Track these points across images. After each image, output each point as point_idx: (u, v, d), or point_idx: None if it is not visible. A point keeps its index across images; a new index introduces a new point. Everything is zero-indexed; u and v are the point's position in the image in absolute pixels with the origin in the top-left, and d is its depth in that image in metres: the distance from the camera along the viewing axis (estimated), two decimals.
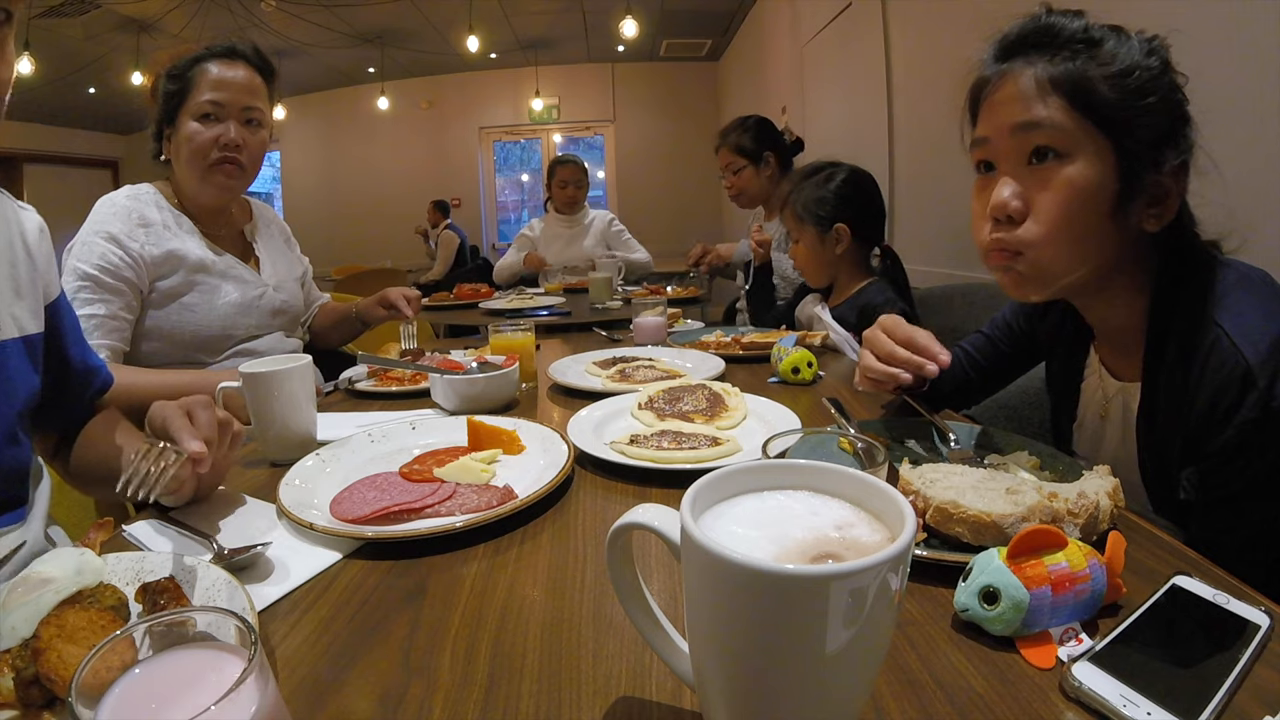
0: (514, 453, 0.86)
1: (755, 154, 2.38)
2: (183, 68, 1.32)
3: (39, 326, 0.79)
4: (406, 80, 7.55)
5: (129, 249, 1.24)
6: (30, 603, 0.45)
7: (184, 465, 0.65)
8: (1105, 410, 0.80)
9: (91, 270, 1.21)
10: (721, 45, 7.00)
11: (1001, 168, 0.71)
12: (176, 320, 1.29)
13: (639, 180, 7.73)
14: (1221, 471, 0.66)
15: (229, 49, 1.35)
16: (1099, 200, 0.67)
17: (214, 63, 1.32)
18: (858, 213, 1.59)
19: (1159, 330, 0.72)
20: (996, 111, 0.70)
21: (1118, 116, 0.65)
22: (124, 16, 5.18)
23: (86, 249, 1.22)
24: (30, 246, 0.79)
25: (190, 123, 1.30)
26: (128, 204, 1.29)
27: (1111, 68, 0.65)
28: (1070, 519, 0.55)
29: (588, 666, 0.47)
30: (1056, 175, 0.67)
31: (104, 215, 1.26)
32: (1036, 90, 0.66)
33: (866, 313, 1.50)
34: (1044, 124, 0.66)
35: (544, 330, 1.99)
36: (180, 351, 1.31)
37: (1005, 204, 0.68)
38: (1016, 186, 0.69)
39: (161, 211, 1.32)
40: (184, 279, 1.30)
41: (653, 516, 0.39)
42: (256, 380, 0.89)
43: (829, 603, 0.31)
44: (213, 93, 1.30)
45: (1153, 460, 0.75)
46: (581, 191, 3.20)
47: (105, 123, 7.77)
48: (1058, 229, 0.68)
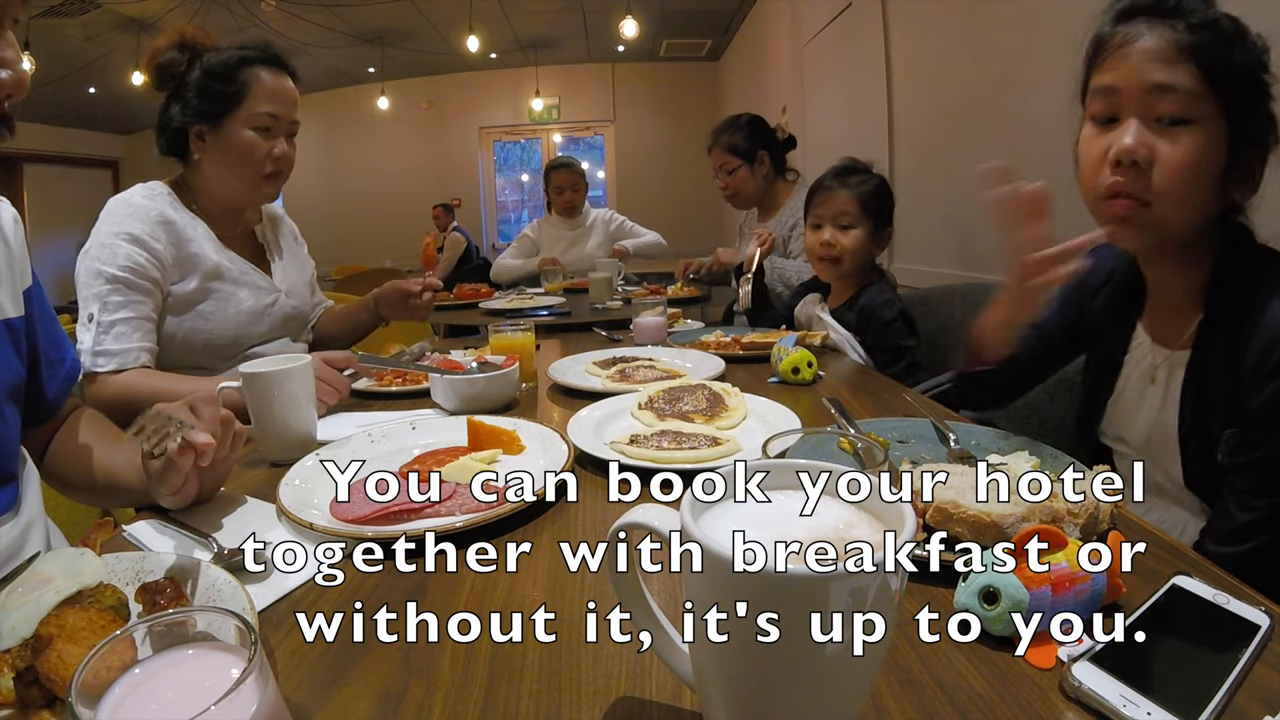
0: (514, 453, 0.86)
1: (749, 153, 2.33)
2: (231, 67, 1.27)
3: (19, 311, 0.79)
4: (406, 80, 7.54)
5: (152, 249, 1.20)
6: (30, 603, 0.45)
7: (185, 454, 0.66)
8: (1153, 375, 0.83)
9: (119, 273, 1.17)
10: (721, 45, 7.00)
11: (1128, 119, 0.73)
12: (190, 327, 1.26)
13: (639, 180, 7.72)
14: (1262, 429, 0.70)
15: (274, 57, 1.31)
16: (1213, 166, 0.72)
17: (263, 70, 1.29)
18: (890, 216, 1.62)
19: (1217, 298, 0.76)
20: (1130, 67, 0.72)
21: (1239, 92, 0.70)
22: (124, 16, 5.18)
23: (109, 251, 1.18)
24: (6, 234, 0.80)
25: (245, 131, 1.27)
26: (145, 203, 1.24)
27: (1235, 49, 0.70)
28: (1070, 519, 0.55)
29: (588, 666, 0.47)
30: (1182, 136, 0.70)
31: (121, 216, 1.22)
32: (1174, 54, 0.69)
33: (867, 313, 1.50)
34: (1178, 88, 0.69)
35: (544, 330, 1.99)
36: (191, 357, 1.28)
37: (1134, 150, 0.71)
38: (1146, 136, 0.71)
39: (178, 212, 1.28)
40: (199, 285, 1.27)
41: (653, 516, 0.39)
42: (256, 380, 0.89)
43: (829, 603, 0.31)
44: (270, 104, 1.28)
45: (1195, 423, 0.77)
46: (579, 196, 3.17)
47: (105, 123, 7.77)
48: (1183, 185, 0.71)
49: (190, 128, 1.28)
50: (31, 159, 7.36)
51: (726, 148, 2.35)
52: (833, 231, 1.58)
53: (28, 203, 7.40)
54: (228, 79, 1.27)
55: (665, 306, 1.61)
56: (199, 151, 1.29)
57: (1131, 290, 0.88)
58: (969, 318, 1.64)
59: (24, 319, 0.80)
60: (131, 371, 1.16)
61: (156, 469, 0.69)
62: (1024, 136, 1.99)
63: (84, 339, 1.16)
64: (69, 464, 0.86)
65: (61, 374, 0.88)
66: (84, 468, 0.84)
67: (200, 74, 1.27)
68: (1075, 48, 0.82)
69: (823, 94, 3.92)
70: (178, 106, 1.29)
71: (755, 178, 2.35)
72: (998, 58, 2.10)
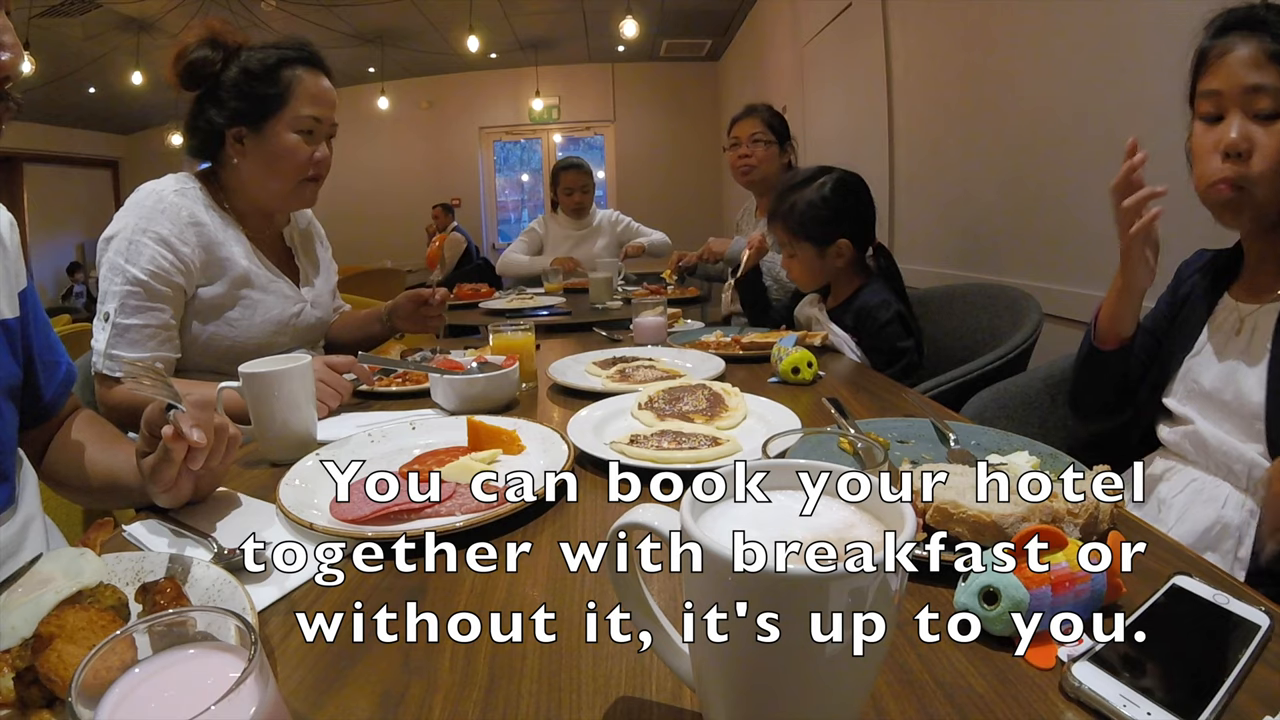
0: (514, 453, 0.86)
1: (783, 136, 2.31)
2: (271, 67, 1.23)
3: (14, 312, 0.79)
4: (406, 80, 7.55)
5: (180, 253, 1.17)
6: (30, 603, 0.45)
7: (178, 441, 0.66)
8: (1238, 328, 0.91)
9: (141, 275, 1.13)
10: (721, 45, 7.00)
11: (1231, 117, 0.85)
12: (213, 332, 1.23)
13: (639, 180, 7.73)
14: None
15: (314, 56, 1.28)
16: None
17: (304, 70, 1.25)
18: (854, 222, 1.54)
19: None
20: (1229, 72, 0.84)
21: None
22: (124, 16, 5.18)
23: (134, 249, 1.14)
24: (3, 237, 0.80)
25: (289, 134, 1.24)
26: (177, 201, 1.20)
27: None
28: (1070, 519, 0.55)
29: (588, 666, 0.47)
30: (1274, 126, 0.82)
31: (151, 211, 1.17)
32: (1264, 60, 0.82)
33: (863, 314, 1.50)
34: (1268, 88, 0.82)
35: (544, 330, 1.99)
36: (211, 362, 1.25)
37: (1237, 142, 0.83)
38: (1247, 129, 0.83)
39: (210, 212, 1.24)
40: (227, 291, 1.23)
41: (653, 516, 0.39)
42: (256, 380, 0.89)
43: (829, 603, 0.31)
44: (313, 107, 1.25)
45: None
46: (588, 197, 3.17)
47: (105, 123, 7.77)
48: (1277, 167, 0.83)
49: (228, 130, 1.24)
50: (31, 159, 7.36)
51: (765, 121, 2.30)
52: (785, 259, 1.63)
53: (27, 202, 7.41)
54: (269, 80, 1.23)
55: (665, 306, 1.61)
56: (237, 155, 1.25)
57: (1226, 266, 0.98)
58: (969, 317, 1.66)
59: (19, 320, 0.80)
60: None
61: (150, 463, 0.69)
62: (1024, 136, 1.99)
63: (99, 338, 1.15)
64: (67, 465, 0.86)
65: (58, 376, 0.88)
66: (81, 468, 0.84)
67: (239, 74, 1.23)
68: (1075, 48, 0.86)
69: (823, 94, 3.92)
70: (214, 108, 1.24)
71: (778, 163, 2.31)
72: (998, 57, 2.10)
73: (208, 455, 0.70)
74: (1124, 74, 1.55)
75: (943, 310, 1.74)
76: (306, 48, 1.28)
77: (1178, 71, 0.92)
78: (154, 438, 0.69)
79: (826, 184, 1.54)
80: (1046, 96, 1.87)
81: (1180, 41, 0.89)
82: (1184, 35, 0.88)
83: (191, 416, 0.68)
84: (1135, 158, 0.88)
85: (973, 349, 1.53)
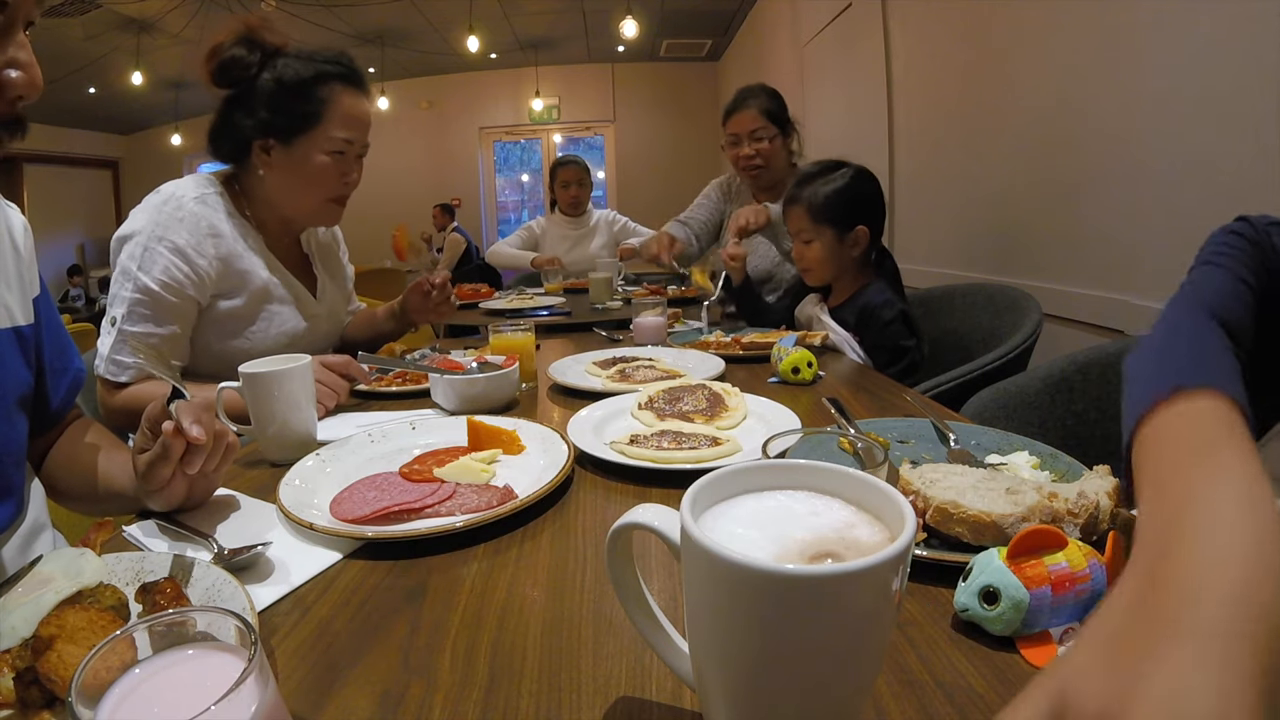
0: (514, 453, 0.86)
1: (784, 124, 2.07)
2: (308, 83, 1.19)
3: (29, 319, 0.79)
4: (406, 80, 7.55)
5: (195, 265, 1.14)
6: (30, 603, 0.45)
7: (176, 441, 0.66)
8: None
9: (152, 285, 1.11)
10: (721, 45, 7.00)
11: None
12: (229, 342, 1.22)
13: (639, 180, 7.73)
14: None
15: (353, 73, 1.23)
16: None
17: (341, 88, 1.21)
18: (872, 211, 1.57)
19: None
20: None
21: None
22: (124, 16, 5.19)
23: (148, 257, 1.12)
24: (17, 241, 0.80)
25: (319, 155, 1.21)
26: (197, 210, 1.17)
27: None
28: (1070, 519, 0.55)
29: (588, 666, 0.47)
30: None
31: (169, 219, 1.14)
32: None
33: (867, 313, 1.50)
34: None
35: (544, 330, 1.99)
36: (223, 368, 1.20)
37: None
38: None
39: (229, 221, 1.21)
40: (246, 304, 1.21)
41: (653, 516, 0.39)
42: (256, 380, 0.89)
43: (829, 603, 0.31)
44: (346, 130, 1.22)
45: None
46: (585, 191, 3.19)
47: (105, 123, 7.78)
48: None
49: (256, 140, 1.21)
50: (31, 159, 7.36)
51: (763, 111, 2.06)
52: (798, 246, 1.60)
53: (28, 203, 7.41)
54: (305, 96, 1.19)
55: (665, 306, 1.61)
56: (263, 165, 1.22)
57: None
58: (969, 317, 1.66)
59: (33, 327, 0.80)
60: (141, 383, 1.13)
61: (146, 460, 0.68)
62: (1024, 136, 1.99)
63: (104, 341, 1.14)
64: (65, 472, 0.85)
65: (66, 383, 0.88)
66: (79, 475, 0.84)
67: (273, 84, 1.19)
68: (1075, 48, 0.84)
69: (823, 94, 3.92)
70: (243, 114, 1.20)
71: (784, 154, 2.09)
72: (998, 58, 2.10)
73: (204, 459, 0.69)
74: (1124, 74, 1.54)
75: (943, 310, 1.74)
76: (346, 62, 1.23)
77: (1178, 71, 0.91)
78: (153, 435, 0.69)
79: (849, 172, 1.57)
80: (1046, 96, 1.87)
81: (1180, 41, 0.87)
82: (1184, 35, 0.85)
83: (192, 413, 0.68)
84: None
85: (973, 349, 1.53)
